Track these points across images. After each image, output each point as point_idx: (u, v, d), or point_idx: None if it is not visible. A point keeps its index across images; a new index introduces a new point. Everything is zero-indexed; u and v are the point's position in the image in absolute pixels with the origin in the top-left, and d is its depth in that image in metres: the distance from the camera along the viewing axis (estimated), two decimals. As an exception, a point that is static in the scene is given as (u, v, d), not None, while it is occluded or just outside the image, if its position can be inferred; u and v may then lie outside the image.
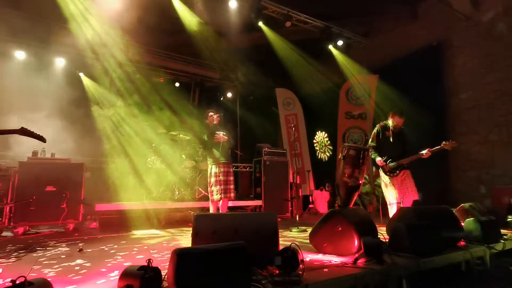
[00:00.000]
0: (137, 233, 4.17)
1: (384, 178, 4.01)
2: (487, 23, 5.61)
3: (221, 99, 8.96)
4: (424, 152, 3.75)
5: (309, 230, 3.18)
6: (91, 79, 6.88)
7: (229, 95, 9.18)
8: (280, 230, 2.49)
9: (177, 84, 8.21)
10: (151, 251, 2.94)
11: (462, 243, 2.96)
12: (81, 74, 6.94)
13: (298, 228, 4.30)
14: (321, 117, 8.57)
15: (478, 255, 2.81)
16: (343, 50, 7.54)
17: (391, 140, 4.03)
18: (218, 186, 4.11)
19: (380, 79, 7.36)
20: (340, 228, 2.75)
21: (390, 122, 4.07)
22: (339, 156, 4.06)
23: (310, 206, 7.10)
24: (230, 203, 5.43)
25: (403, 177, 3.96)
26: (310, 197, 7.33)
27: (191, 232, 2.22)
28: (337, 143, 8.00)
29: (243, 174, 8.03)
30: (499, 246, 2.96)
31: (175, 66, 8.12)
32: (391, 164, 3.93)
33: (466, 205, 3.84)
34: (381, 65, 7.37)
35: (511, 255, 3.05)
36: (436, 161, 4.19)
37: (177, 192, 5.75)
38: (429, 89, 6.21)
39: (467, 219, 3.09)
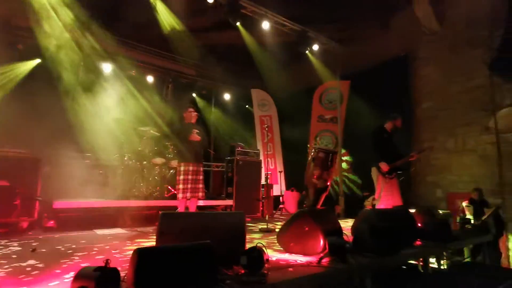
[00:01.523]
0: (100, 232, 3.98)
1: (379, 181, 4.09)
2: (451, 37, 5.97)
3: (195, 95, 8.79)
4: (414, 153, 4.07)
5: (277, 229, 3.19)
6: (58, 67, 6.47)
7: (204, 92, 9.05)
8: (249, 229, 2.48)
9: (150, 78, 7.95)
10: (113, 251, 2.80)
11: (419, 242, 3.12)
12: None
13: (267, 227, 4.32)
14: (295, 119, 8.69)
15: (433, 254, 2.97)
16: (318, 54, 7.70)
17: (389, 143, 4.18)
18: (186, 185, 4.10)
19: (352, 85, 7.60)
20: (307, 228, 2.78)
21: (386, 126, 4.21)
22: (309, 158, 4.15)
23: (281, 206, 7.16)
24: (201, 202, 5.37)
25: (394, 181, 4.12)
26: (281, 198, 7.40)
27: (156, 231, 2.14)
28: (308, 145, 8.15)
29: (215, 173, 7.98)
30: (453, 245, 3.15)
31: (148, 60, 7.87)
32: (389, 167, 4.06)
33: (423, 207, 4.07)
34: (354, 72, 7.60)
35: (463, 254, 3.26)
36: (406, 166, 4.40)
37: (144, 190, 5.57)
38: (397, 98, 6.49)
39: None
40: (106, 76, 6.83)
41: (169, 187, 5.88)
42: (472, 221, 4.45)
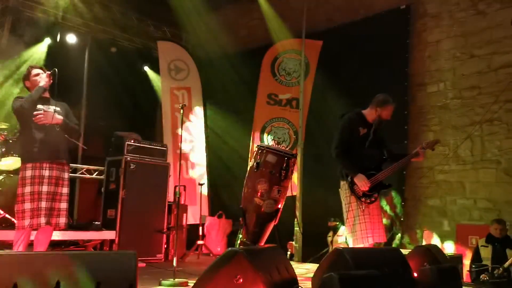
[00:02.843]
0: None
1: (353, 205, 4.19)
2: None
3: (53, 42, 8.23)
4: (419, 150, 4.22)
5: (192, 283, 3.14)
6: None
7: (71, 39, 8.51)
8: (142, 286, 2.42)
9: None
10: None
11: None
12: None
13: (173, 281, 4.27)
14: (230, 97, 8.72)
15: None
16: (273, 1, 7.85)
17: (366, 141, 4.28)
18: (36, 203, 3.96)
19: (324, 48, 7.88)
20: (241, 280, 2.80)
21: (366, 113, 4.33)
22: (251, 163, 4.19)
23: (199, 242, 7.14)
24: (57, 235, 5.25)
25: (376, 204, 4.26)
26: (201, 228, 7.37)
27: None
28: (251, 141, 8.24)
29: (85, 184, 7.85)
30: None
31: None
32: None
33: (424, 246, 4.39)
34: (328, 28, 7.89)
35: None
36: (391, 181, 4.65)
37: None
38: (391, 73, 6.91)
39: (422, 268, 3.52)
40: None
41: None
42: (490, 269, 4.90)
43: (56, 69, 4.18)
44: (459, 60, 6.61)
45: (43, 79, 4.17)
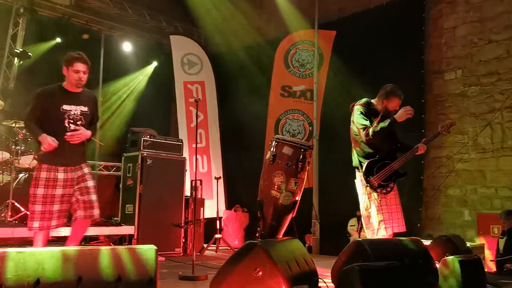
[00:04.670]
0: None
1: (370, 196, 4.18)
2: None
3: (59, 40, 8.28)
4: (420, 145, 4.17)
5: (212, 276, 3.19)
6: None
7: (86, 37, 8.59)
8: (162, 279, 2.42)
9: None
10: None
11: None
12: None
13: (193, 274, 4.28)
14: (244, 91, 8.71)
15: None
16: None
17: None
18: (46, 206, 3.82)
19: (337, 38, 7.81)
20: (260, 273, 2.80)
21: (375, 103, 4.28)
22: (267, 156, 4.19)
23: (217, 236, 7.16)
24: (67, 231, 5.15)
25: (393, 194, 4.23)
26: (219, 222, 7.40)
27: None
28: (265, 134, 8.24)
29: (103, 180, 7.87)
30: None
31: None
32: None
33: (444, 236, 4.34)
34: (340, 18, 7.80)
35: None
36: (410, 172, 4.60)
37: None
38: (405, 60, 6.81)
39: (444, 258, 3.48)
40: None
41: (16, 203, 5.60)
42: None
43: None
44: (477, 46, 6.49)
45: (80, 67, 3.81)
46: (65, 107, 3.86)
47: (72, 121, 3.88)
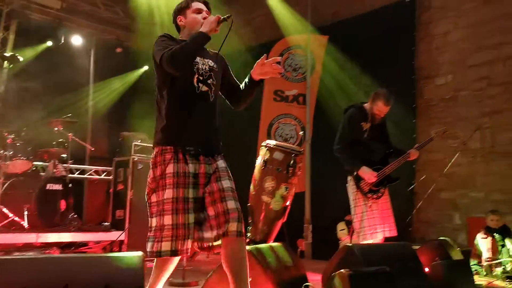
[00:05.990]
0: None
1: (361, 201, 4.19)
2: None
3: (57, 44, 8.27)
4: (411, 151, 4.21)
5: (202, 282, 3.20)
6: None
7: (76, 40, 8.54)
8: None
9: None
10: None
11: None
12: None
13: (183, 280, 4.28)
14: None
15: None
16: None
17: (367, 135, 4.27)
18: (179, 216, 2.63)
19: (330, 42, 7.84)
20: (250, 279, 2.79)
21: (368, 107, 4.29)
22: (258, 161, 4.17)
23: (209, 241, 7.15)
24: (67, 236, 5.33)
25: (384, 198, 4.26)
26: (210, 227, 7.38)
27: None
28: (258, 139, 8.23)
29: (94, 185, 7.90)
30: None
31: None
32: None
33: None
34: (333, 23, 7.85)
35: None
36: (401, 176, 4.61)
37: None
38: (396, 66, 6.85)
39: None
40: None
41: (3, 209, 5.51)
42: (485, 261, 4.89)
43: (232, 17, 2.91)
44: (467, 52, 6.55)
45: (209, 21, 2.85)
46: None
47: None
